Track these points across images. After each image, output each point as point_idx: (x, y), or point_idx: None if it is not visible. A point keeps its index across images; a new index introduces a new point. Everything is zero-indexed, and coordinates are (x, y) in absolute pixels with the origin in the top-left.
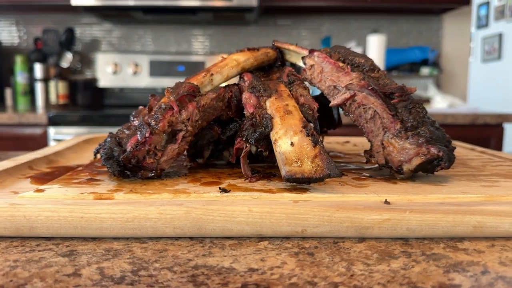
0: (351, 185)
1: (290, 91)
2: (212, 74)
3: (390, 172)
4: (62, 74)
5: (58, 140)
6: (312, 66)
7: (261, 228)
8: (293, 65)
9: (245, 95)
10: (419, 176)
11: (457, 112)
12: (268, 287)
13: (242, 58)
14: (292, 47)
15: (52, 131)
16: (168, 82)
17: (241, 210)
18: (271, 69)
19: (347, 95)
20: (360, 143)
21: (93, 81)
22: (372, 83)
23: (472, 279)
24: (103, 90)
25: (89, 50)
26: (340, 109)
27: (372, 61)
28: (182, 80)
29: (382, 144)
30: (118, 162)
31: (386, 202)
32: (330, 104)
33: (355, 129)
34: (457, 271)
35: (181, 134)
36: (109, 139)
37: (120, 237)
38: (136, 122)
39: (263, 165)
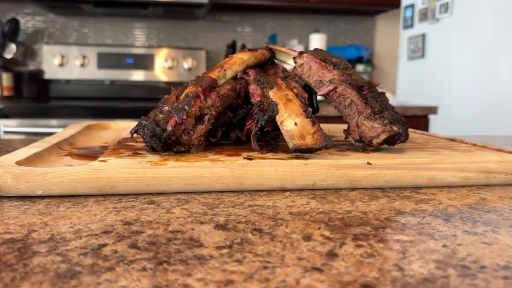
0: (337, 155)
1: (285, 83)
2: (225, 70)
3: (363, 145)
4: (6, 66)
5: (8, 132)
6: (302, 64)
7: (284, 183)
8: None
9: (252, 87)
10: (383, 148)
11: None
12: (307, 213)
13: (246, 57)
14: (283, 49)
15: (1, 123)
16: (117, 74)
17: (270, 170)
18: (265, 66)
19: (330, 87)
20: (333, 128)
21: (39, 72)
22: (349, 79)
23: (433, 206)
24: (49, 82)
25: (33, 41)
26: (317, 98)
27: (345, 61)
28: (130, 71)
29: (357, 124)
30: (160, 139)
31: (368, 163)
32: (317, 94)
33: (332, 119)
34: (423, 203)
35: (207, 117)
36: (144, 122)
37: (182, 192)
38: (166, 108)
39: (262, 143)
